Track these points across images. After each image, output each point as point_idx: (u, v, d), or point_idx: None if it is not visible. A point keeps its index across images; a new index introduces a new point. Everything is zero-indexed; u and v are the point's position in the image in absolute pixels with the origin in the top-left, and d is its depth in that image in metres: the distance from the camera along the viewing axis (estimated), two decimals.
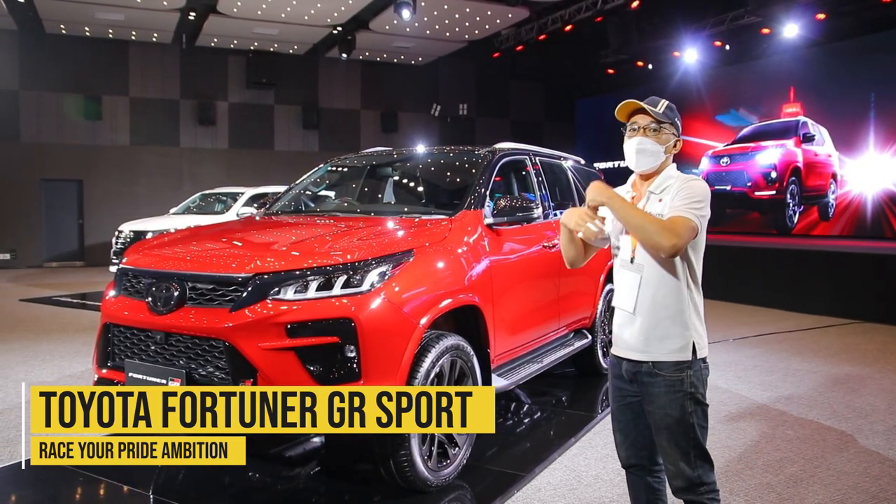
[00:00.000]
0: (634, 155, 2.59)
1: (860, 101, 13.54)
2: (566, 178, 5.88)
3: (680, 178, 2.57)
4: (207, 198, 12.94)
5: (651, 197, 2.57)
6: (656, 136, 2.57)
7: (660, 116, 2.57)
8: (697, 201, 2.43)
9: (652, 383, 2.51)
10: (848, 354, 7.17)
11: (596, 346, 5.94)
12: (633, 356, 2.56)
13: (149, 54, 17.23)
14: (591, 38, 16.34)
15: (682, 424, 2.47)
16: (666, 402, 2.48)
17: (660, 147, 2.57)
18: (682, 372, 2.48)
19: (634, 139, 2.60)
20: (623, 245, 2.62)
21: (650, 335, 2.51)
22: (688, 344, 2.48)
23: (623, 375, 2.62)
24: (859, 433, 4.73)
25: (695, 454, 2.49)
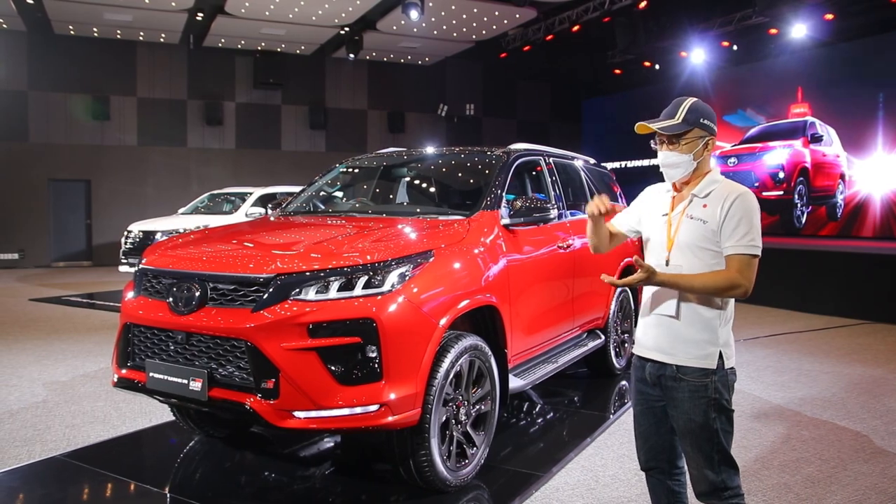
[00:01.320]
0: (663, 169, 2.60)
1: (868, 102, 13.51)
2: (579, 178, 5.89)
3: (726, 185, 2.52)
4: (216, 198, 12.97)
5: (695, 200, 2.52)
6: (678, 146, 2.53)
7: (675, 129, 2.52)
8: (755, 230, 2.40)
9: (676, 388, 2.49)
10: (859, 355, 7.16)
11: (609, 347, 5.95)
12: (658, 357, 2.54)
13: (156, 55, 17.27)
14: (598, 39, 16.35)
15: (705, 430, 2.45)
16: (690, 407, 2.46)
17: (686, 156, 2.53)
18: (706, 377, 2.45)
19: (660, 154, 2.59)
20: (656, 247, 2.60)
21: (678, 338, 2.49)
22: (714, 353, 2.46)
23: (646, 378, 2.60)
24: (875, 434, 4.72)
25: (719, 459, 2.47)
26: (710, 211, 2.46)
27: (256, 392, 3.16)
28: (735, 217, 2.41)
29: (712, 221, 2.44)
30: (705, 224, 2.46)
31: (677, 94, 9.89)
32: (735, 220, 2.40)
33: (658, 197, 2.71)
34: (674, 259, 2.51)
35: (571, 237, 5.15)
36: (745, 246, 2.38)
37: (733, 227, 2.40)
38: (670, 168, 2.56)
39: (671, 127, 2.52)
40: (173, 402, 3.77)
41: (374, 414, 3.16)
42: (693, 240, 2.48)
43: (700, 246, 2.46)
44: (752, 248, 2.39)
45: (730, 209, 2.42)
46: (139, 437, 4.68)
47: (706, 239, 2.45)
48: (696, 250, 2.47)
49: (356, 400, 3.14)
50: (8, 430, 4.72)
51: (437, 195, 4.97)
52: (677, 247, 2.51)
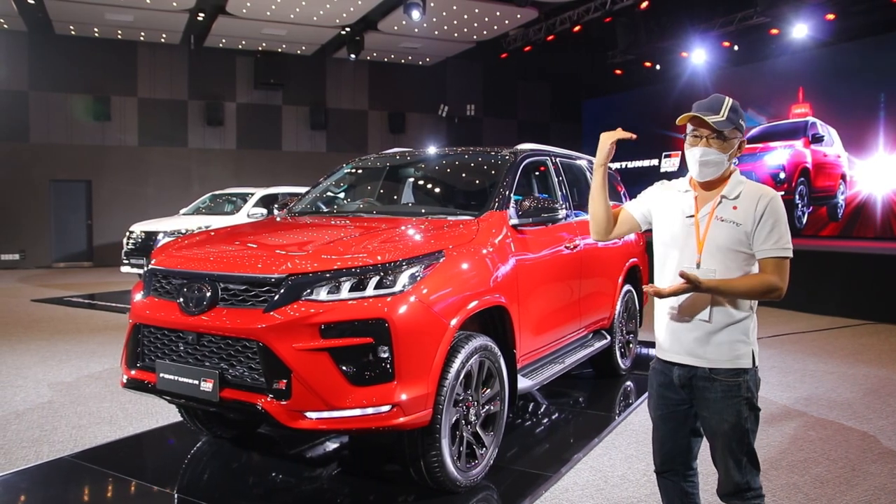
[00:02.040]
0: (697, 166, 2.50)
1: (870, 102, 13.54)
2: (584, 178, 5.88)
3: (753, 186, 2.49)
4: (217, 198, 12.96)
5: (724, 202, 2.48)
6: (720, 144, 2.46)
7: (721, 126, 2.45)
8: (787, 232, 2.41)
9: (708, 388, 2.47)
10: (863, 355, 7.17)
11: (615, 347, 5.95)
12: (690, 361, 2.51)
13: (157, 55, 17.27)
14: (599, 39, 16.37)
15: (737, 430, 2.45)
16: (723, 407, 2.45)
17: (724, 156, 2.47)
18: (738, 377, 2.45)
19: (697, 149, 2.49)
20: (683, 250, 2.53)
21: (713, 341, 2.46)
22: (748, 353, 2.46)
23: (673, 382, 2.56)
24: (882, 434, 4.73)
25: (746, 460, 2.47)
26: (742, 213, 2.43)
27: (268, 393, 3.16)
28: (769, 221, 2.40)
29: (746, 223, 2.42)
30: (738, 226, 2.42)
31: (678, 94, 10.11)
32: (769, 223, 2.40)
33: (675, 196, 2.63)
34: (705, 262, 2.46)
35: (578, 237, 5.15)
36: (780, 249, 2.39)
37: (768, 231, 2.39)
38: (707, 166, 2.48)
39: (720, 123, 2.45)
40: (183, 403, 3.76)
41: (385, 414, 3.16)
42: (725, 242, 2.44)
43: (733, 248, 2.44)
44: (786, 250, 2.40)
45: (763, 213, 2.40)
46: (146, 437, 4.67)
47: (739, 241, 2.43)
48: (728, 253, 2.44)
49: (368, 400, 3.14)
50: (15, 430, 4.71)
51: (444, 195, 4.97)
52: (708, 249, 2.46)
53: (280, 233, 4.14)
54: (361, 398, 3.14)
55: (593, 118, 20.81)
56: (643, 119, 18.72)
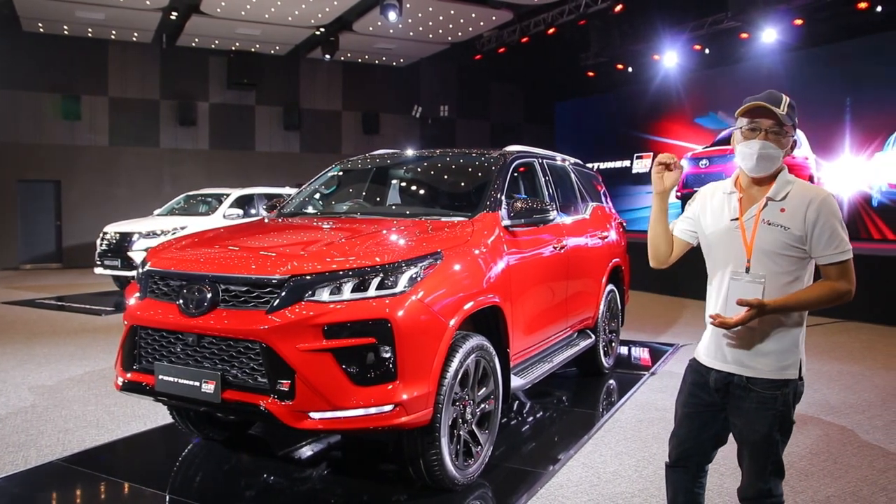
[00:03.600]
0: (755, 160, 2.39)
1: (836, 105, 13.88)
2: (569, 179, 5.97)
3: (802, 187, 2.41)
4: (192, 199, 12.82)
5: (771, 205, 2.40)
6: (778, 139, 2.38)
7: (784, 119, 2.37)
8: (845, 232, 2.34)
9: (744, 397, 2.42)
10: (836, 352, 7.36)
11: (598, 346, 6.04)
12: (729, 369, 2.45)
13: (128, 54, 17.03)
14: (572, 41, 16.50)
15: (766, 441, 2.41)
16: (755, 417, 2.40)
17: (781, 151, 2.39)
18: (777, 389, 2.39)
19: (755, 143, 2.38)
20: (731, 255, 2.47)
21: (758, 350, 2.40)
22: (796, 362, 2.40)
23: (709, 385, 2.51)
24: (860, 428, 4.88)
25: (771, 469, 2.44)
26: (790, 216, 2.35)
27: (271, 393, 3.17)
28: (827, 226, 2.31)
29: (795, 227, 2.34)
30: (786, 230, 2.34)
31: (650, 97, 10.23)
32: (827, 229, 2.31)
33: (718, 199, 2.56)
34: (754, 267, 2.40)
35: (565, 238, 5.23)
36: (843, 252, 2.33)
37: (828, 238, 2.31)
38: (765, 160, 2.38)
39: (784, 116, 2.37)
40: (183, 405, 3.74)
41: (388, 414, 3.19)
42: (774, 247, 2.37)
43: (781, 253, 2.37)
44: (848, 252, 2.34)
45: (817, 218, 2.32)
46: (136, 440, 4.64)
47: (787, 245, 2.36)
48: (777, 257, 2.37)
49: (371, 400, 3.17)
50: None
51: (436, 197, 5.01)
52: (757, 254, 2.39)
53: (277, 234, 4.14)
54: (365, 398, 3.17)
55: (566, 120, 21.01)
56: (615, 121, 18.97)
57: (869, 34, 13.26)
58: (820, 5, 12.76)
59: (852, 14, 12.91)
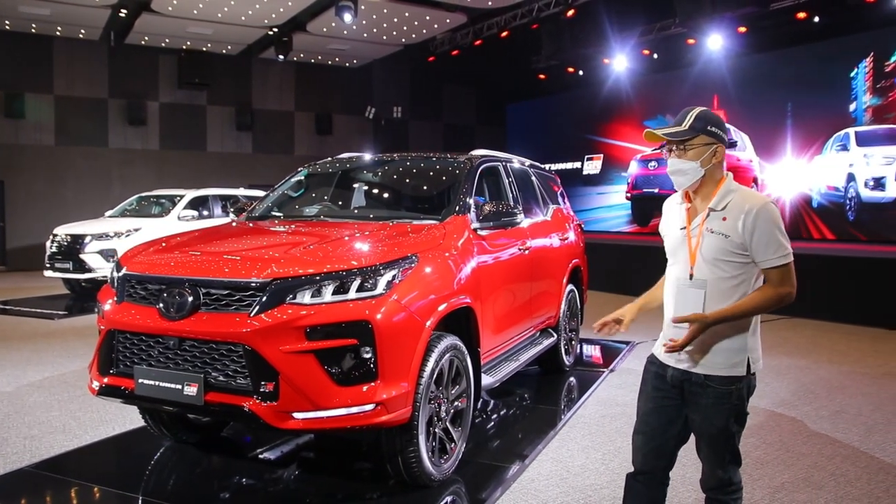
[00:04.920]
0: (671, 176, 2.60)
1: (778, 110, 14.42)
2: (531, 182, 6.13)
3: (742, 196, 2.52)
4: (144, 200, 12.60)
5: (713, 214, 2.53)
6: (685, 153, 2.54)
7: (680, 136, 2.53)
8: (784, 237, 2.45)
9: (700, 394, 2.55)
10: (783, 347, 7.70)
11: (560, 345, 6.21)
12: (687, 367, 2.58)
13: (75, 51, 16.58)
14: (524, 44, 16.73)
15: (723, 433, 2.54)
16: (712, 412, 2.53)
17: (693, 163, 2.53)
18: (731, 385, 2.51)
19: (669, 161, 2.59)
20: (680, 261, 2.63)
21: (707, 349, 2.52)
22: (743, 360, 2.53)
23: (667, 380, 2.63)
24: (808, 419, 5.15)
25: (729, 458, 2.60)
26: (731, 224, 2.48)
27: (255, 395, 3.22)
28: (764, 233, 2.44)
29: (734, 235, 2.47)
30: (727, 238, 2.48)
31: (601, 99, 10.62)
32: (765, 235, 2.44)
33: (674, 211, 2.73)
34: (697, 273, 2.54)
35: (529, 240, 5.38)
36: (781, 257, 2.45)
37: (766, 243, 2.44)
38: (678, 175, 2.57)
39: (677, 133, 2.54)
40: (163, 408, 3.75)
41: (370, 413, 3.27)
42: (716, 254, 2.51)
43: (724, 259, 2.50)
44: (787, 256, 2.45)
45: (755, 227, 2.44)
46: (106, 444, 4.61)
47: (729, 252, 2.49)
48: (720, 263, 2.51)
49: (353, 400, 3.25)
50: None
51: (405, 200, 5.10)
52: (700, 261, 2.54)
53: (253, 238, 4.17)
54: (347, 398, 3.25)
55: (517, 122, 21.28)
56: (566, 123, 19.29)
57: (808, 42, 13.82)
58: (763, 14, 13.24)
59: (793, 23, 13.44)
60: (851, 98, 13.36)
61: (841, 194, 13.42)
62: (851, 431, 4.87)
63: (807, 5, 12.78)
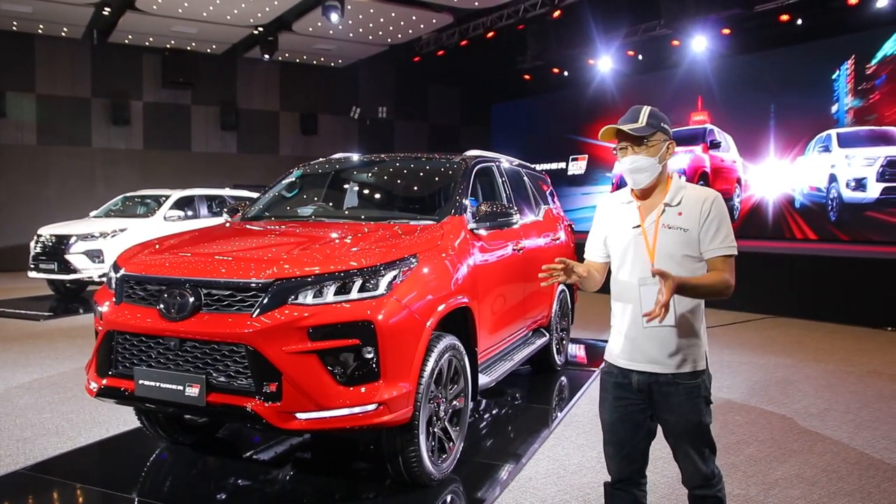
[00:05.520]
0: (630, 175, 2.59)
1: (761, 111, 14.59)
2: (523, 182, 6.16)
3: (694, 190, 2.56)
4: (129, 200, 12.49)
5: (668, 210, 2.54)
6: (645, 149, 2.54)
7: (640, 131, 2.53)
8: (731, 230, 2.51)
9: (671, 392, 2.54)
10: (769, 347, 7.80)
11: (552, 344, 6.25)
12: (653, 368, 2.55)
13: (57, 49, 16.38)
14: (509, 45, 16.78)
15: (700, 427, 2.56)
16: (687, 408, 2.53)
17: (652, 160, 2.54)
18: (697, 378, 2.54)
19: (626, 159, 2.57)
20: (635, 261, 2.58)
21: (674, 347, 2.53)
22: (702, 354, 2.57)
23: (631, 386, 2.60)
24: (797, 416, 5.23)
25: (709, 451, 2.60)
26: (687, 218, 2.50)
27: (257, 395, 3.22)
28: (714, 221, 2.48)
29: (693, 229, 2.49)
30: (686, 232, 2.49)
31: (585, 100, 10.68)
32: (715, 223, 2.48)
33: (618, 209, 2.69)
34: (660, 268, 2.46)
35: (522, 240, 5.41)
36: (728, 248, 2.48)
37: (714, 231, 2.48)
38: (638, 172, 2.56)
39: (638, 129, 2.53)
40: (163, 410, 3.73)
41: (372, 413, 3.28)
42: (675, 249, 2.50)
43: (683, 254, 2.51)
44: (733, 248, 2.50)
45: (709, 214, 2.48)
46: (101, 446, 4.58)
47: (688, 246, 2.50)
48: (680, 259, 2.50)
49: (356, 400, 3.26)
50: None
51: (401, 201, 5.11)
52: (659, 258, 2.51)
53: (252, 238, 4.17)
54: (349, 398, 3.26)
55: (502, 122, 21.35)
56: (551, 123, 19.38)
57: (791, 45, 14.00)
58: (746, 16, 13.40)
59: (776, 25, 13.60)
60: (833, 100, 13.55)
61: (823, 195, 13.60)
62: (841, 428, 4.94)
63: (790, 8, 12.94)
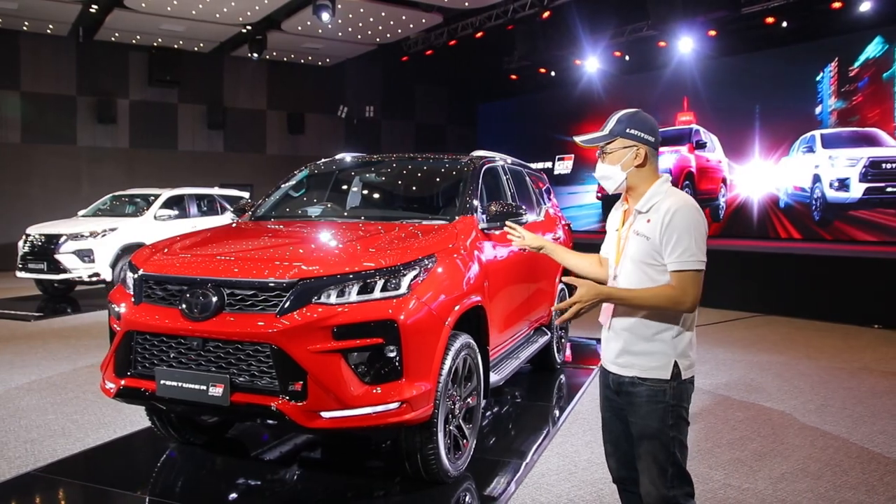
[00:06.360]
0: (600, 181, 2.61)
1: (747, 112, 14.80)
2: (526, 182, 6.23)
3: (667, 198, 2.45)
4: (118, 199, 12.40)
5: (638, 217, 2.49)
6: (608, 157, 2.53)
7: (595, 141, 2.54)
8: (695, 243, 2.36)
9: (634, 393, 2.47)
10: (761, 344, 7.94)
11: (553, 343, 6.33)
12: (615, 370, 2.55)
13: (42, 47, 16.18)
14: (497, 45, 16.85)
15: (660, 435, 2.41)
16: (647, 411, 2.44)
17: (614, 167, 2.52)
18: (664, 384, 2.43)
19: (597, 166, 2.60)
20: (609, 263, 2.64)
21: (633, 350, 2.48)
22: (668, 364, 2.43)
23: (610, 386, 2.60)
24: (796, 412, 5.34)
25: (672, 472, 2.41)
26: (652, 226, 2.42)
27: (282, 394, 3.24)
28: (674, 233, 2.37)
29: (654, 237, 2.41)
30: (648, 240, 2.43)
31: (572, 100, 10.90)
32: (674, 235, 2.36)
33: (616, 212, 2.71)
34: (620, 275, 2.52)
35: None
36: (683, 262, 2.35)
37: (673, 243, 2.36)
38: (602, 180, 2.58)
39: (591, 139, 2.55)
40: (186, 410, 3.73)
41: (395, 411, 3.32)
42: (638, 256, 2.46)
43: (644, 261, 2.44)
44: (691, 263, 2.35)
45: (668, 225, 2.38)
46: (111, 447, 4.57)
47: (649, 254, 2.43)
48: (641, 265, 2.45)
49: (379, 398, 3.30)
50: None
51: (412, 201, 5.15)
52: (623, 262, 2.51)
53: (269, 238, 4.17)
54: (373, 396, 3.29)
55: (488, 121, 21.43)
56: (538, 123, 19.47)
57: (776, 46, 14.21)
58: (732, 18, 13.57)
59: (761, 28, 13.79)
60: (817, 101, 13.78)
61: (807, 195, 13.83)
62: (839, 424, 5.06)
63: (775, 10, 13.12)
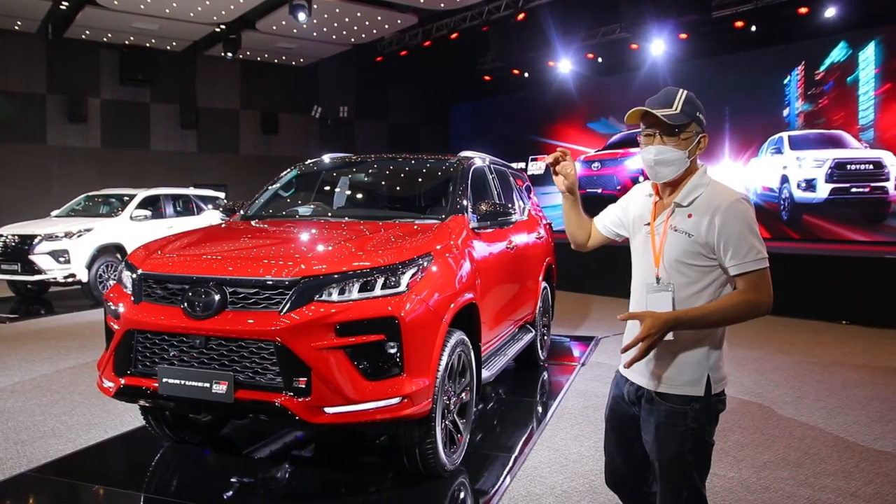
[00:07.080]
0: (652, 167, 2.26)
1: (717, 114, 15.09)
2: (510, 182, 6.34)
3: (713, 191, 2.22)
4: (92, 199, 12.26)
5: (678, 210, 2.24)
6: (676, 140, 2.22)
7: (675, 119, 2.21)
8: (757, 239, 2.16)
9: (651, 410, 2.26)
10: (736, 340, 8.11)
11: (537, 340, 6.44)
12: (638, 380, 2.33)
13: (9, 43, 15.87)
14: (471, 46, 16.96)
15: (677, 462, 2.21)
16: (664, 434, 2.22)
17: (682, 153, 2.22)
18: (687, 405, 2.20)
19: (651, 148, 2.25)
20: (644, 263, 2.35)
21: (665, 363, 2.24)
22: (702, 378, 2.21)
23: (625, 396, 2.40)
24: (774, 405, 5.52)
25: (687, 496, 2.23)
26: (695, 222, 2.19)
27: (286, 391, 3.30)
28: (733, 233, 2.14)
29: (698, 235, 2.18)
30: (691, 238, 2.19)
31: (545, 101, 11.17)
32: (734, 236, 2.14)
33: (641, 201, 2.43)
34: (663, 277, 2.26)
35: (513, 238, 5.58)
36: (753, 262, 2.14)
37: (735, 245, 2.14)
38: (663, 166, 2.24)
39: (673, 116, 2.21)
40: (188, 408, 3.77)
41: (396, 406, 3.40)
42: (679, 255, 2.22)
43: (686, 262, 2.22)
44: (760, 261, 2.15)
45: (722, 225, 2.15)
46: (105, 446, 4.57)
47: (692, 254, 2.20)
48: (683, 266, 2.22)
49: (381, 393, 3.37)
50: None
51: (403, 200, 5.22)
52: (665, 263, 2.25)
53: (266, 237, 4.22)
54: (375, 391, 3.37)
55: (461, 122, 21.58)
56: (511, 124, 19.65)
57: (745, 50, 14.54)
58: (703, 22, 13.85)
59: (730, 31, 14.10)
60: (785, 104, 14.15)
61: (775, 195, 14.17)
62: (815, 415, 5.25)
63: (745, 15, 13.43)
